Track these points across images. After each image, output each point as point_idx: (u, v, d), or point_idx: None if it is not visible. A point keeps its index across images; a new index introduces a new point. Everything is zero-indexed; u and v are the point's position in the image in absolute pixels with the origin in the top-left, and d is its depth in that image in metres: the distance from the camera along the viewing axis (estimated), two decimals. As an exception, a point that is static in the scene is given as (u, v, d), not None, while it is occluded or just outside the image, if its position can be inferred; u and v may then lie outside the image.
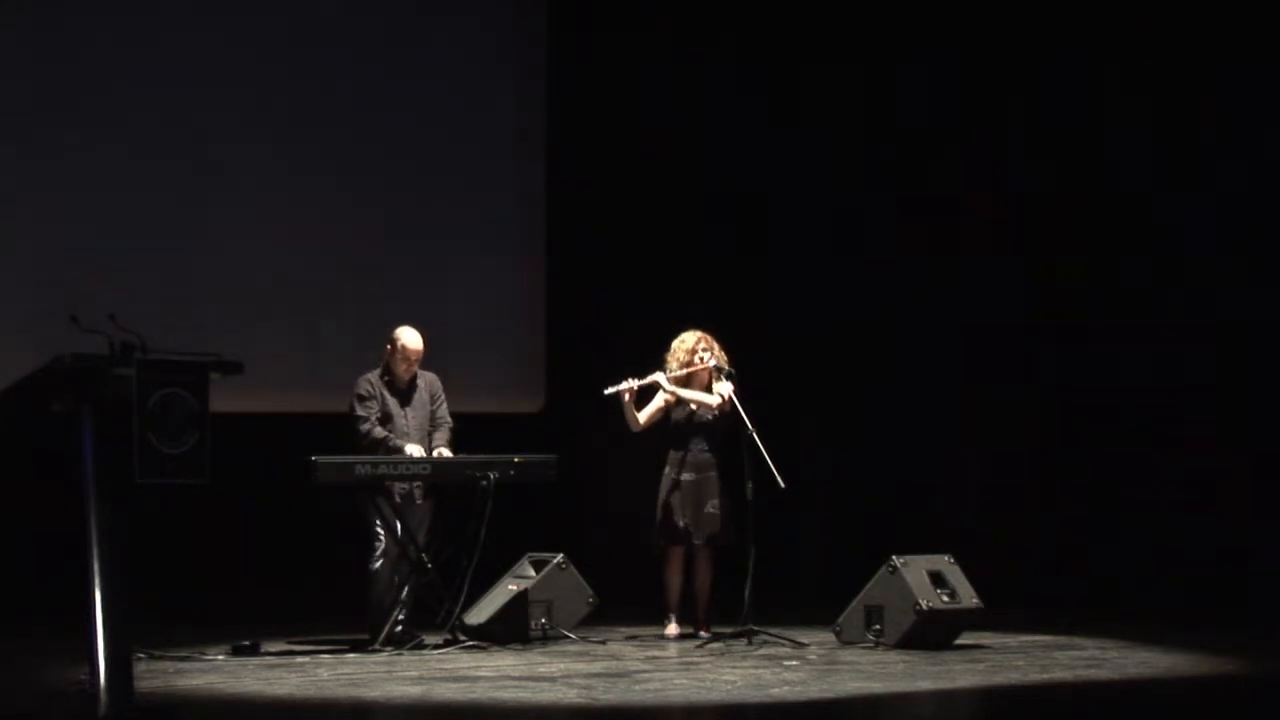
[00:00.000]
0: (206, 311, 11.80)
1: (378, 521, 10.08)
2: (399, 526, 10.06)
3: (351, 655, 9.63)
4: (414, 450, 10.10)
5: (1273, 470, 11.81)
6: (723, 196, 13.51)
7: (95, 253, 11.74)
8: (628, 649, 10.06)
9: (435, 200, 12.91)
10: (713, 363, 10.49)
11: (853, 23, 13.22)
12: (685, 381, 10.53)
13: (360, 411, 10.20)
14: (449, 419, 10.39)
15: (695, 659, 9.56)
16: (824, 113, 13.31)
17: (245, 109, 12.30)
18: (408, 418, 10.26)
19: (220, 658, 9.49)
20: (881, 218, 13.22)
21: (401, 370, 10.26)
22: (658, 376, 10.51)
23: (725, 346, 10.62)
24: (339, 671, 9.00)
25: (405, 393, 10.30)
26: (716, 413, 10.47)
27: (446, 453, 10.26)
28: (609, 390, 10.43)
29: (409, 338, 10.30)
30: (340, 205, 12.58)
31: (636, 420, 10.50)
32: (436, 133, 12.91)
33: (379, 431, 10.15)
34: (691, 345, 10.55)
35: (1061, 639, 10.31)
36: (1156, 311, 12.33)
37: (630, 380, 10.45)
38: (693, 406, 10.49)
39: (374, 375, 10.28)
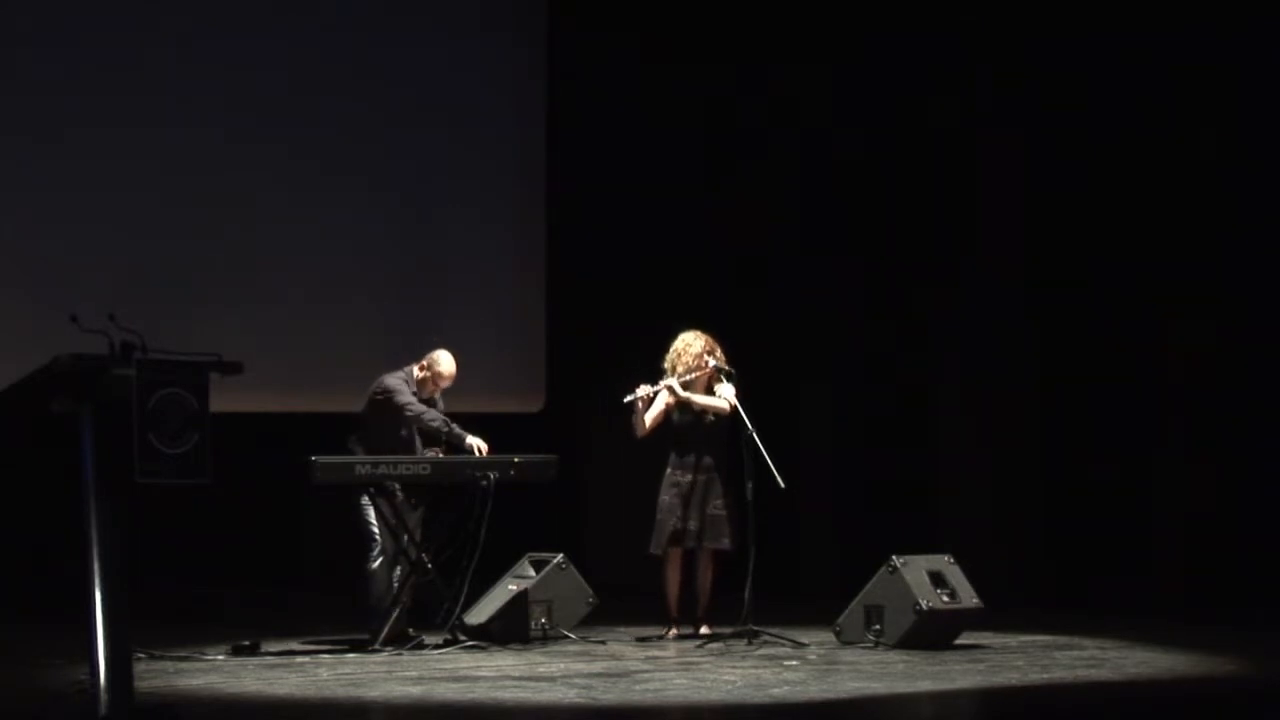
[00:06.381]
0: (206, 311, 11.80)
1: (376, 521, 10.09)
2: (398, 526, 10.06)
3: (351, 655, 9.63)
4: (476, 441, 10.09)
5: (1273, 469, 11.81)
6: (722, 196, 13.51)
7: (95, 253, 11.74)
8: (628, 649, 10.06)
9: (435, 200, 12.92)
10: (713, 364, 10.49)
11: (851, 21, 13.20)
12: (687, 384, 10.53)
13: (413, 401, 10.14)
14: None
15: (695, 659, 9.56)
16: (824, 111, 13.30)
17: (245, 109, 12.30)
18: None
19: (220, 658, 9.48)
20: (882, 217, 13.21)
21: (430, 390, 10.29)
22: (671, 383, 10.48)
23: (724, 346, 10.62)
24: (339, 671, 9.00)
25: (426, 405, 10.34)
26: (721, 414, 10.45)
27: None
28: (628, 398, 10.41)
29: (446, 364, 10.29)
30: (340, 205, 12.59)
31: (644, 425, 10.49)
32: (437, 133, 12.92)
33: (435, 416, 10.13)
34: (699, 350, 10.52)
35: (1061, 639, 10.31)
36: (1156, 310, 12.32)
37: (645, 386, 10.44)
38: (696, 410, 10.47)
39: (404, 378, 10.27)
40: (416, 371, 10.30)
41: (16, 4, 11.77)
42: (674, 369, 10.53)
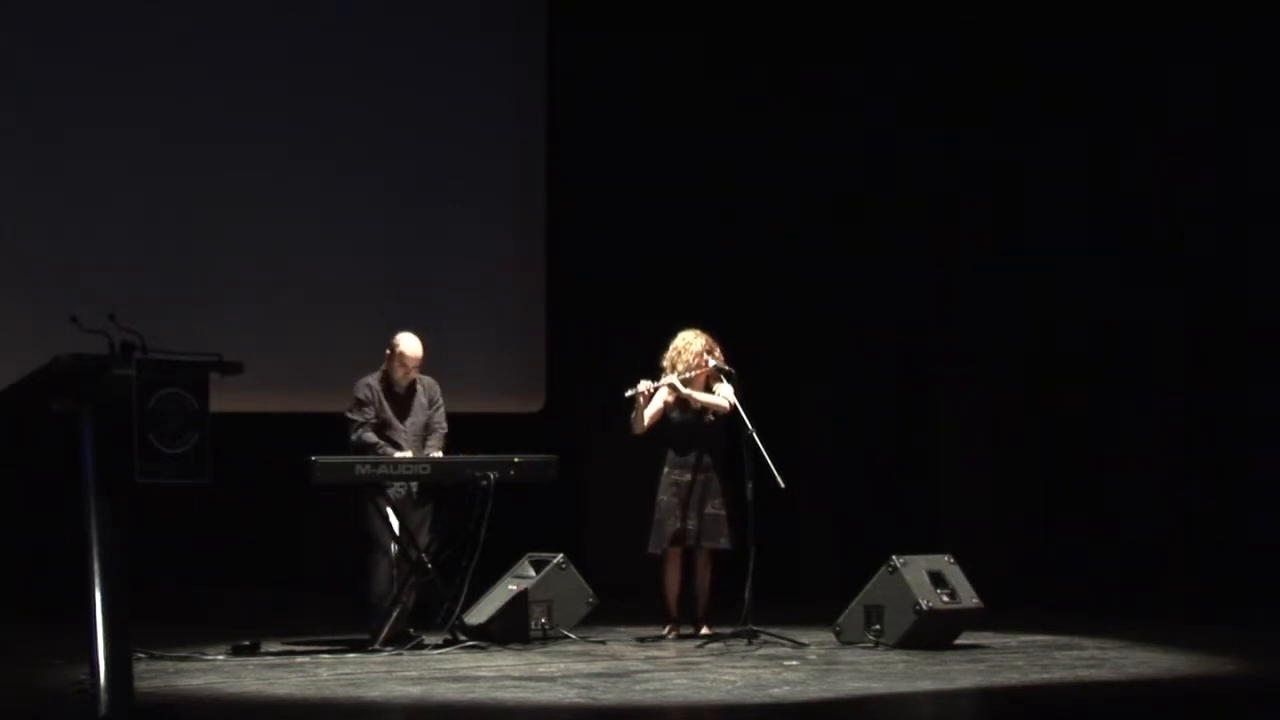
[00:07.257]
0: (206, 311, 11.80)
1: (377, 521, 10.09)
2: (398, 526, 10.06)
3: (351, 655, 9.63)
4: (402, 455, 10.09)
5: (1273, 469, 11.80)
6: (723, 196, 13.51)
7: (95, 253, 11.74)
8: (628, 649, 10.06)
9: (435, 200, 12.91)
10: (712, 364, 10.49)
11: (851, 20, 13.20)
12: (686, 383, 10.53)
13: (355, 416, 10.21)
14: (444, 425, 10.38)
15: (695, 659, 9.56)
16: (823, 111, 13.30)
17: (245, 109, 12.29)
18: (405, 423, 10.26)
19: (220, 658, 9.49)
20: (882, 216, 13.20)
21: (399, 375, 10.26)
22: (673, 380, 10.47)
23: (724, 346, 10.62)
24: (339, 671, 9.00)
25: (404, 398, 10.30)
26: (720, 413, 10.45)
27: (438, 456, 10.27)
28: (630, 392, 10.41)
29: (408, 344, 10.27)
30: (341, 205, 12.58)
31: (643, 422, 10.48)
32: (436, 133, 12.91)
33: (369, 437, 10.15)
34: (699, 349, 10.52)
35: (1061, 639, 10.31)
36: (1158, 309, 12.32)
37: (647, 382, 10.44)
38: (696, 408, 10.46)
39: (374, 379, 10.28)
40: (385, 363, 10.30)
41: (16, 4, 11.77)
42: (673, 367, 10.53)
